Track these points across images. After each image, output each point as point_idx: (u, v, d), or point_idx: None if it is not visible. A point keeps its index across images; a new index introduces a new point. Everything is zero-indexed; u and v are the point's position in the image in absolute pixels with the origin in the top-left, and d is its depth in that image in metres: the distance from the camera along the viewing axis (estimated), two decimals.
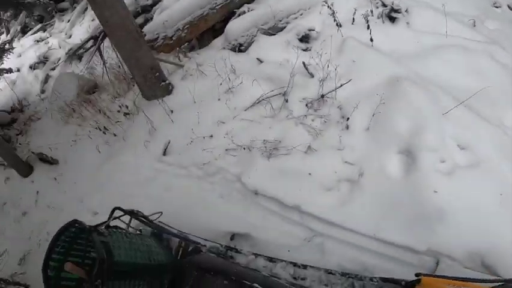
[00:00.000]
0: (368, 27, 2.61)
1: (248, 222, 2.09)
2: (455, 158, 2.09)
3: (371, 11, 2.88)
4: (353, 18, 2.82)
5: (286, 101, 2.34)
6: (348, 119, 2.16)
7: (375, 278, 1.50)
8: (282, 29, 2.91)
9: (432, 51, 2.67)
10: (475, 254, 1.78)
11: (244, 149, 2.23)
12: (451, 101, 2.29)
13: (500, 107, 2.49)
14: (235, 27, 2.94)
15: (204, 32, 3.36)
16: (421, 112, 2.18)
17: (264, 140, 2.19)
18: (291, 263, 1.60)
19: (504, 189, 1.95)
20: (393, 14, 2.89)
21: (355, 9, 2.86)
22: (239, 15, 3.17)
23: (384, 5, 2.94)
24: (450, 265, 1.77)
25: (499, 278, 1.62)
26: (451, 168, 2.02)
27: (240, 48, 2.84)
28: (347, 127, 2.16)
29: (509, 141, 2.27)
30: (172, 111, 2.78)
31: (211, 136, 2.42)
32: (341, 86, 2.26)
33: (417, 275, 1.39)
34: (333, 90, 2.27)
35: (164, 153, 2.61)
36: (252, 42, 2.83)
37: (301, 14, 2.94)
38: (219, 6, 3.32)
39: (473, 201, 1.91)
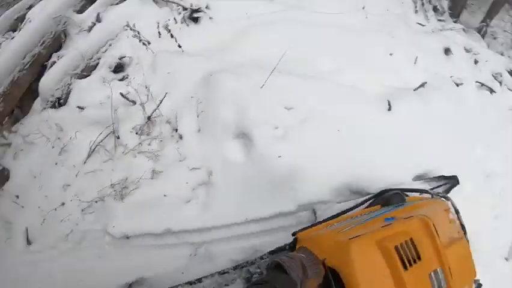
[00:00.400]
0: (172, 36, 2.71)
1: (135, 267, 2.07)
2: (286, 120, 2.30)
3: (174, 19, 2.99)
4: (159, 32, 2.89)
5: (118, 137, 2.33)
6: (176, 130, 2.27)
7: (264, 255, 1.60)
8: (95, 66, 2.82)
9: (238, 36, 2.90)
10: (340, 188, 2.02)
11: (96, 202, 2.18)
12: (263, 73, 2.52)
13: (309, 60, 2.88)
14: (48, 81, 2.75)
15: (22, 97, 3.04)
16: (239, 94, 2.37)
17: (111, 185, 2.18)
18: (186, 284, 1.62)
19: (339, 125, 2.26)
20: (195, 14, 3.02)
21: (158, 23, 2.93)
22: (51, 66, 2.95)
23: (184, 9, 3.04)
24: (326, 208, 1.93)
25: (368, 196, 1.82)
26: (285, 131, 2.24)
27: (59, 102, 2.67)
28: (181, 137, 2.28)
29: (329, 85, 2.61)
30: (17, 197, 2.52)
31: (63, 204, 2.30)
32: (160, 102, 2.34)
33: (293, 234, 1.50)
34: (155, 110, 2.34)
35: (29, 243, 2.37)
36: (70, 92, 2.69)
37: (110, 45, 2.88)
38: (28, 64, 3.02)
39: (316, 148, 2.16)
